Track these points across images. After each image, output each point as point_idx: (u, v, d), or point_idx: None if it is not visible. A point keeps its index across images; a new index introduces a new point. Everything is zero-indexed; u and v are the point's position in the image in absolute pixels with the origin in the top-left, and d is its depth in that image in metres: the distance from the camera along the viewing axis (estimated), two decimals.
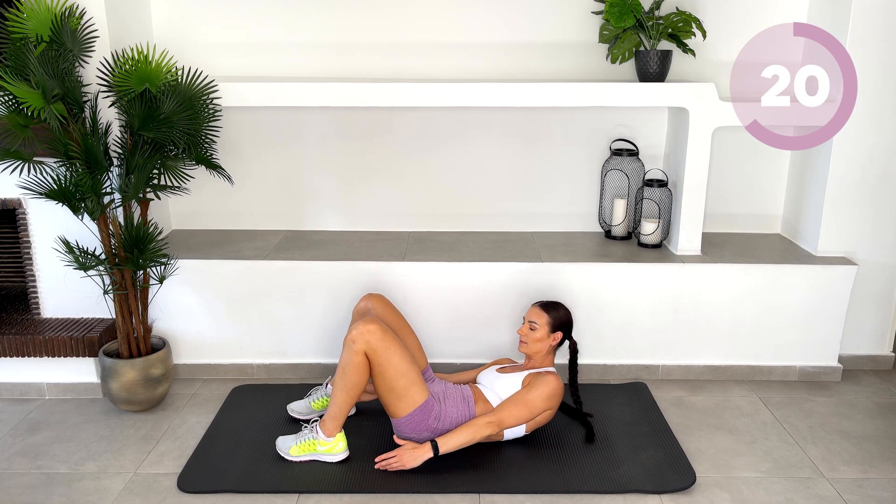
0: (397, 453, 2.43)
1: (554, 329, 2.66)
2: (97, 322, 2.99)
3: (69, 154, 2.54)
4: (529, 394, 2.53)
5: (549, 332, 2.65)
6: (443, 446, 2.42)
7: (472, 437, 2.45)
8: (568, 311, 2.72)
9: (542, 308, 2.69)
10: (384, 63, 3.25)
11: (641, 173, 3.31)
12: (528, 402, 2.52)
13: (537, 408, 2.52)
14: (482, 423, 2.47)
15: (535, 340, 2.65)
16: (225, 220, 3.46)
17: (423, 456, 2.41)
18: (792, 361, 3.13)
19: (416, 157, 3.38)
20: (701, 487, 2.40)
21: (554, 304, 2.71)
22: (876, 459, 2.57)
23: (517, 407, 2.51)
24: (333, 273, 3.02)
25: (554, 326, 2.66)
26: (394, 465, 2.42)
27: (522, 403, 2.52)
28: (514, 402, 2.52)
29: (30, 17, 2.51)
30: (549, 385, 2.54)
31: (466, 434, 2.45)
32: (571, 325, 2.72)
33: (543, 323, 2.65)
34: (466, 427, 2.46)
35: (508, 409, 2.51)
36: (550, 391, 2.54)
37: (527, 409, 2.51)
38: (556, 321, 2.66)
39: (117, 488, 2.38)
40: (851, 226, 3.11)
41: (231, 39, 3.23)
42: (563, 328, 2.68)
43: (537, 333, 2.64)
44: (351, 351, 2.41)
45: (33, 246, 2.96)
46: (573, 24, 3.21)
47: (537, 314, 2.67)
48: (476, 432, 2.45)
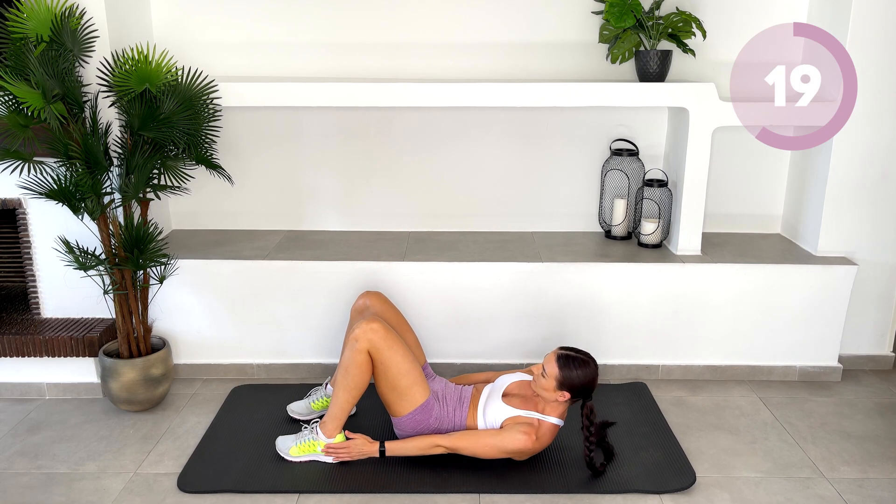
0: (348, 444, 2.47)
1: (561, 388, 2.37)
2: (97, 322, 2.99)
3: (69, 154, 2.54)
4: (492, 439, 2.40)
5: (555, 388, 2.38)
6: (390, 451, 2.46)
7: (420, 453, 2.45)
8: (587, 374, 2.37)
9: (559, 361, 2.37)
10: (384, 63, 3.25)
11: (641, 173, 3.31)
12: (486, 446, 2.40)
13: (491, 455, 2.41)
14: (434, 444, 2.44)
15: (540, 388, 2.41)
16: (225, 220, 3.46)
17: (369, 453, 2.46)
18: (792, 361, 3.13)
19: (416, 157, 3.38)
20: (701, 487, 2.40)
21: (575, 362, 2.37)
22: (876, 459, 2.57)
23: (474, 444, 2.42)
24: (333, 273, 3.02)
25: (562, 385, 2.37)
26: (342, 455, 2.46)
27: (481, 444, 2.41)
28: (474, 439, 2.42)
29: (30, 17, 2.51)
30: (515, 444, 2.37)
31: (416, 448, 2.45)
32: (589, 389, 2.39)
33: (552, 377, 2.37)
34: (420, 441, 2.45)
35: (466, 441, 2.43)
36: (511, 449, 2.38)
37: (482, 451, 2.41)
38: (565, 381, 2.36)
39: (117, 488, 2.38)
40: (851, 226, 3.11)
41: (231, 39, 3.23)
42: (574, 392, 2.38)
43: (544, 383, 2.39)
44: (354, 350, 2.40)
45: (33, 246, 2.96)
46: (573, 24, 3.21)
47: (551, 365, 2.38)
48: (426, 450, 2.45)
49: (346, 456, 2.47)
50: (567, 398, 2.39)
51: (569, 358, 2.38)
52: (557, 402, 2.41)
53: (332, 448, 2.47)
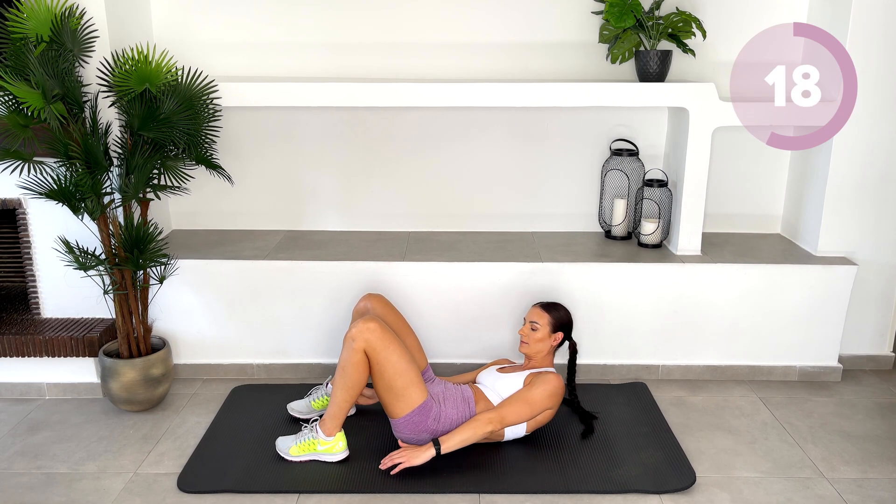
0: (401, 452, 2.43)
1: (555, 329, 2.68)
2: (97, 322, 2.99)
3: (69, 154, 2.54)
4: (531, 392, 2.53)
5: (550, 333, 2.67)
6: (444, 444, 2.42)
7: (473, 434, 2.45)
8: (568, 312, 2.74)
9: (544, 308, 2.71)
10: (384, 63, 3.25)
11: (641, 173, 3.31)
12: (530, 400, 2.52)
13: (538, 406, 2.53)
14: (484, 419, 2.47)
15: (536, 340, 2.67)
16: (225, 220, 3.46)
17: (425, 454, 2.41)
18: (792, 361, 3.13)
19: (416, 157, 3.38)
20: (701, 487, 2.40)
21: (555, 305, 2.73)
22: (876, 459, 2.57)
23: (519, 404, 2.52)
24: (333, 273, 3.02)
25: (555, 327, 2.68)
26: (397, 459, 2.41)
27: (524, 401, 2.52)
28: (517, 400, 2.53)
29: (30, 17, 2.51)
30: (551, 384, 2.55)
31: (468, 431, 2.45)
32: (572, 325, 2.74)
33: (545, 323, 2.67)
34: (468, 424, 2.46)
35: (510, 407, 2.52)
36: (552, 389, 2.55)
37: (528, 406, 2.52)
38: (557, 321, 2.68)
39: (117, 488, 2.38)
40: (851, 226, 3.11)
41: (231, 39, 3.23)
42: (564, 328, 2.71)
43: (538, 333, 2.66)
44: (350, 349, 2.41)
45: (33, 246, 2.96)
46: (573, 24, 3.21)
47: (538, 314, 2.69)
48: (477, 429, 2.45)
49: (405, 461, 2.39)
50: (559, 339, 2.68)
51: (549, 304, 2.74)
52: (550, 351, 2.68)
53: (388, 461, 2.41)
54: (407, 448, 2.44)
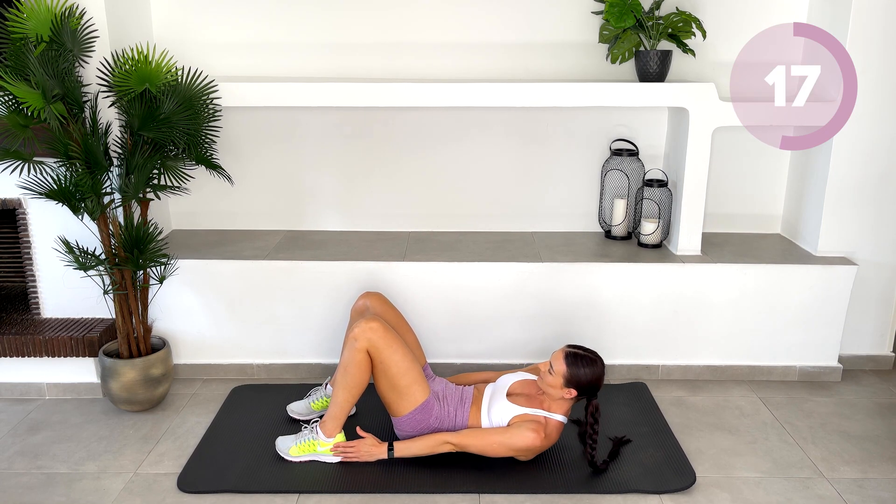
0: (356, 444, 2.46)
1: (568, 385, 2.39)
2: (97, 322, 2.99)
3: (69, 154, 2.54)
4: (501, 437, 2.40)
5: (562, 385, 2.39)
6: (398, 452, 2.45)
7: (429, 450, 2.45)
8: (594, 372, 2.39)
9: (567, 359, 2.39)
10: (384, 63, 3.25)
11: (641, 173, 3.31)
12: (495, 444, 2.40)
13: (500, 453, 2.42)
14: (442, 441, 2.44)
15: (547, 385, 2.42)
16: (225, 220, 3.46)
17: (378, 455, 2.45)
18: (792, 361, 3.13)
19: (416, 157, 3.38)
20: (701, 487, 2.40)
21: (583, 360, 2.39)
22: (876, 459, 2.57)
23: (482, 442, 2.42)
24: (333, 273, 3.02)
25: (569, 383, 2.38)
26: (350, 455, 2.45)
27: (489, 442, 2.41)
28: (483, 437, 2.42)
29: (30, 17, 2.51)
30: (524, 441, 2.37)
31: (425, 447, 2.45)
32: (594, 387, 2.40)
33: (559, 374, 2.38)
34: (428, 439, 2.45)
35: (474, 439, 2.42)
36: (521, 447, 2.39)
37: (490, 448, 2.41)
38: (572, 379, 2.37)
39: (117, 488, 2.38)
40: (851, 226, 3.11)
41: (231, 39, 3.23)
42: (580, 390, 2.40)
43: (551, 380, 2.40)
44: (353, 349, 2.40)
45: (33, 246, 2.96)
46: (573, 24, 3.21)
47: (559, 362, 2.39)
48: (435, 448, 2.45)
49: (354, 456, 2.46)
50: (573, 396, 2.40)
51: (577, 356, 2.39)
52: (563, 400, 2.43)
53: (341, 447, 2.46)
54: (365, 441, 2.46)
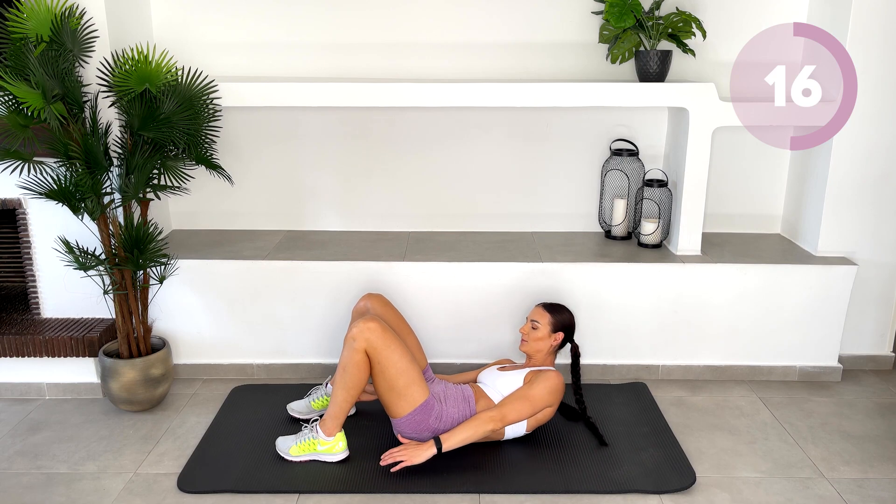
0: (402, 449, 2.43)
1: (556, 329, 2.68)
2: (97, 322, 2.99)
3: (69, 154, 2.54)
4: (532, 389, 2.54)
5: (550, 332, 2.67)
6: (446, 443, 2.42)
7: (474, 432, 2.45)
8: (571, 315, 2.74)
9: (546, 308, 2.71)
10: (384, 63, 3.25)
11: (641, 173, 3.31)
12: (531, 397, 2.52)
13: (539, 403, 2.53)
14: (485, 417, 2.47)
15: (536, 339, 2.67)
16: (225, 220, 3.46)
17: (427, 453, 2.41)
18: (792, 361, 3.13)
19: (416, 157, 3.38)
20: (701, 487, 2.40)
21: (558, 306, 2.73)
22: (876, 459, 2.57)
23: (519, 402, 2.52)
24: (333, 273, 3.02)
25: (556, 327, 2.68)
26: (398, 455, 2.41)
27: (525, 398, 2.52)
28: (517, 398, 2.53)
29: (30, 17, 2.52)
30: (551, 380, 2.55)
31: (469, 429, 2.45)
32: (574, 328, 2.73)
33: (546, 322, 2.67)
34: (469, 422, 2.46)
35: (511, 405, 2.52)
36: (552, 386, 2.55)
37: (529, 403, 2.52)
38: (558, 322, 2.68)
39: (117, 488, 2.38)
40: (851, 226, 3.11)
41: (231, 39, 3.23)
42: (565, 330, 2.70)
43: (539, 332, 2.66)
44: (351, 349, 2.41)
45: (33, 246, 2.96)
46: (573, 24, 3.21)
47: (540, 314, 2.69)
48: (479, 427, 2.45)
49: (405, 455, 2.39)
50: (559, 340, 2.67)
51: (552, 305, 2.73)
52: (551, 351, 2.68)
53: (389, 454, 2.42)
54: (408, 445, 2.44)
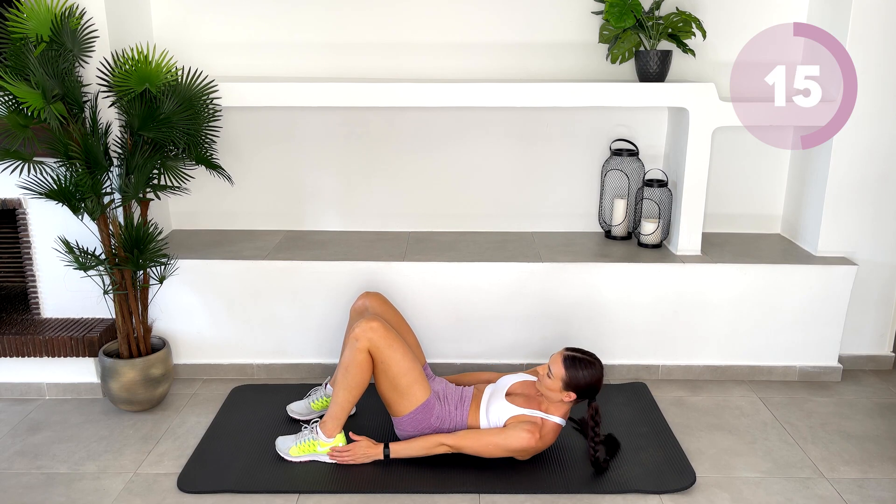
0: (351, 448, 2.46)
1: (567, 388, 2.39)
2: (97, 322, 2.99)
3: (69, 154, 2.54)
4: (496, 437, 2.40)
5: (561, 388, 2.39)
6: (394, 453, 2.45)
7: (425, 453, 2.45)
8: (594, 374, 2.38)
9: (566, 362, 2.38)
10: (384, 63, 3.25)
11: (641, 173, 3.31)
12: (490, 445, 2.41)
13: (495, 452, 2.42)
14: (438, 442, 2.44)
15: (546, 388, 2.42)
16: (225, 220, 3.46)
17: (373, 456, 2.45)
18: (792, 361, 3.13)
19: (416, 157, 3.38)
20: (701, 487, 2.40)
21: (581, 363, 2.38)
22: (876, 459, 2.57)
23: (478, 443, 2.42)
24: (333, 273, 3.02)
25: (568, 386, 2.38)
26: (346, 458, 2.45)
27: (485, 443, 2.41)
28: (478, 438, 2.43)
29: (30, 17, 2.51)
30: (519, 442, 2.37)
31: (421, 448, 2.45)
32: (595, 390, 2.40)
33: (558, 377, 2.38)
34: (423, 441, 2.45)
35: (470, 441, 2.43)
36: (515, 447, 2.39)
37: (486, 450, 2.42)
38: (571, 382, 2.37)
39: (117, 488, 2.38)
40: (851, 226, 3.10)
41: (231, 39, 3.23)
42: (579, 393, 2.40)
43: (549, 383, 2.40)
44: (354, 349, 2.40)
45: (33, 246, 2.96)
46: (573, 24, 3.21)
47: (557, 366, 2.39)
48: (431, 449, 2.45)
49: (350, 459, 2.46)
50: (572, 399, 2.40)
51: (575, 359, 2.39)
52: (562, 402, 2.43)
53: (336, 452, 2.46)
54: (359, 444, 2.46)
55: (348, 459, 2.46)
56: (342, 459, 2.46)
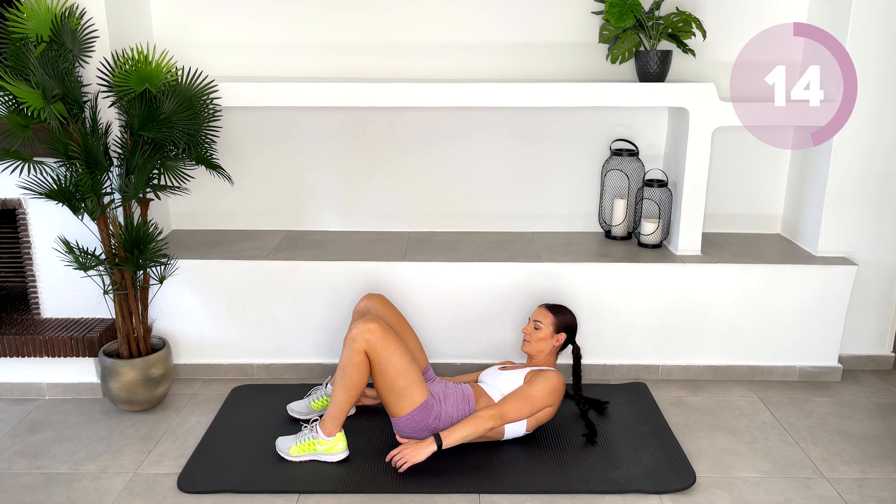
0: (402, 449, 2.43)
1: (558, 330, 2.69)
2: (97, 322, 2.99)
3: (69, 154, 2.54)
4: (531, 388, 2.54)
5: (552, 333, 2.69)
6: (446, 440, 2.43)
7: (474, 430, 2.46)
8: (574, 316, 2.76)
9: (548, 309, 2.73)
10: (384, 63, 3.25)
11: (641, 173, 3.31)
12: (530, 397, 2.53)
13: (539, 402, 2.53)
14: (485, 415, 2.47)
15: (538, 339, 2.68)
16: (225, 220, 3.46)
17: (427, 450, 2.42)
18: (792, 361, 3.13)
19: (416, 157, 3.38)
20: (701, 487, 2.40)
21: (561, 307, 2.75)
22: (876, 459, 2.57)
23: (519, 401, 2.52)
24: (333, 273, 3.02)
25: (558, 327, 2.69)
26: (401, 456, 2.41)
27: (524, 397, 2.53)
28: (517, 396, 2.54)
29: (30, 17, 2.52)
30: (551, 380, 2.55)
31: (469, 427, 2.45)
32: (576, 329, 2.76)
33: (548, 323, 2.69)
34: (469, 420, 2.47)
35: (511, 403, 2.52)
36: (552, 385, 2.55)
37: (528, 403, 2.52)
38: (561, 323, 2.70)
39: (117, 488, 2.38)
40: (851, 226, 3.11)
41: (231, 39, 3.23)
42: (568, 331, 2.72)
43: (541, 333, 2.68)
44: (351, 350, 2.41)
45: (33, 246, 2.96)
46: (573, 24, 3.21)
47: (543, 314, 2.71)
48: (479, 425, 2.46)
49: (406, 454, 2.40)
50: (562, 341, 2.69)
51: (554, 305, 2.76)
52: (552, 351, 2.70)
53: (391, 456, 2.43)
54: (408, 444, 2.44)
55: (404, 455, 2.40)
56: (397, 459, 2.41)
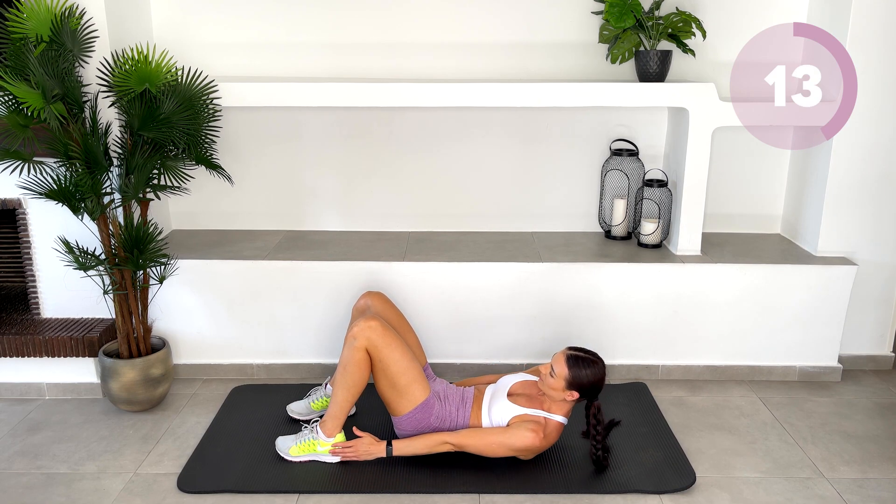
0: (354, 444, 2.46)
1: (571, 388, 2.39)
2: (97, 322, 2.99)
3: (69, 154, 2.54)
4: (500, 437, 2.40)
5: (564, 388, 2.40)
6: (397, 451, 2.45)
7: (427, 449, 2.45)
8: (596, 374, 2.39)
9: (569, 361, 2.39)
10: (384, 63, 3.25)
11: (641, 173, 3.31)
12: (494, 444, 2.41)
13: (498, 453, 2.42)
14: (441, 441, 2.44)
15: (549, 387, 2.42)
16: (225, 220, 3.46)
17: (376, 453, 2.45)
18: (792, 361, 3.13)
19: (416, 157, 3.38)
20: (701, 487, 2.40)
21: (584, 362, 2.39)
22: (876, 459, 2.57)
23: (481, 442, 2.42)
24: (333, 273, 3.02)
25: (571, 384, 2.39)
26: (349, 455, 2.45)
27: (488, 442, 2.41)
28: (482, 437, 2.42)
29: (30, 17, 2.52)
30: (523, 441, 2.38)
31: (424, 446, 2.45)
32: (597, 389, 2.41)
33: (561, 376, 2.38)
34: (426, 438, 2.45)
35: (473, 440, 2.43)
36: (519, 447, 2.39)
37: (489, 449, 2.42)
38: (574, 381, 2.38)
39: (117, 488, 2.38)
40: (851, 226, 3.11)
41: (231, 39, 3.23)
42: (582, 392, 2.40)
43: (553, 382, 2.40)
44: (352, 348, 2.41)
45: (33, 246, 2.96)
46: (573, 24, 3.21)
47: (560, 365, 2.39)
48: (433, 447, 2.45)
49: (353, 455, 2.46)
50: (575, 398, 2.41)
51: (578, 358, 2.39)
52: (564, 402, 2.43)
53: (339, 447, 2.46)
54: (361, 441, 2.46)
55: (351, 456, 2.46)
56: (345, 455, 2.46)
